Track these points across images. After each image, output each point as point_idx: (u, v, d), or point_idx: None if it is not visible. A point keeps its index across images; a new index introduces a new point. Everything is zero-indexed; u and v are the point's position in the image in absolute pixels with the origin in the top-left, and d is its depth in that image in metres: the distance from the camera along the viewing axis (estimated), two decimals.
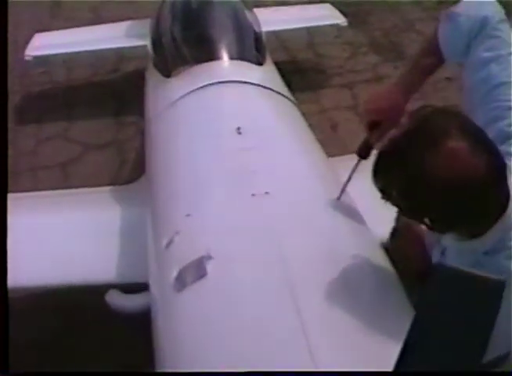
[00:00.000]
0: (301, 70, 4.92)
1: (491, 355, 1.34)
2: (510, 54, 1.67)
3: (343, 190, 1.98)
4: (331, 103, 4.56)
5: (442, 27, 1.78)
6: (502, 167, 1.40)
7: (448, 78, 4.00)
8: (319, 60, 5.13)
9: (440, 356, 1.02)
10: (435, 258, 1.69)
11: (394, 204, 1.46)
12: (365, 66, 5.01)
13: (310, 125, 2.72)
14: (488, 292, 1.01)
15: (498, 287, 1.01)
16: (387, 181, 1.45)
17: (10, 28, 1.58)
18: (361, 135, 1.94)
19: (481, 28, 1.69)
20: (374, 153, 1.59)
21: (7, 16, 1.53)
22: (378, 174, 1.46)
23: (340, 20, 4.49)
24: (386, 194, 1.46)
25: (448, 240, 1.60)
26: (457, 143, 1.34)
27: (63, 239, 2.44)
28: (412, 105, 1.84)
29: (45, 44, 4.32)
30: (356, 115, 4.36)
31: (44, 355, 2.59)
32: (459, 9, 1.76)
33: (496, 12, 1.73)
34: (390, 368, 1.03)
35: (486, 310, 1.00)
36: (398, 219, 1.80)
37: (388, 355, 1.05)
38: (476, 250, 1.48)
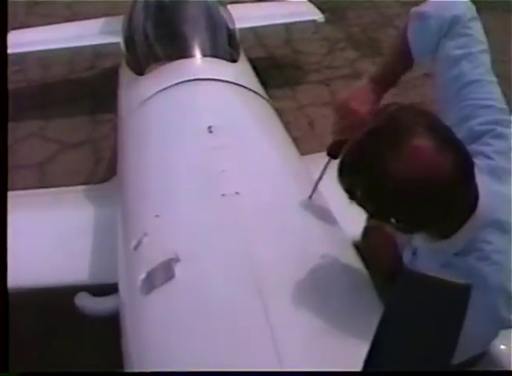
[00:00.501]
0: (278, 67, 4.92)
1: (463, 356, 1.34)
2: (480, 52, 1.65)
3: (314, 189, 1.96)
4: (308, 100, 4.55)
5: (411, 25, 1.74)
6: (470, 166, 1.38)
7: (426, 74, 3.98)
8: (296, 57, 5.11)
9: (407, 360, 1.01)
10: (406, 258, 1.68)
11: (360, 205, 1.44)
12: (343, 62, 5.00)
13: (287, 122, 2.70)
14: (454, 296, 1.00)
15: (464, 291, 1.00)
16: (351, 181, 1.43)
17: None
18: None
19: (451, 27, 1.66)
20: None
21: (7, 17, 1.51)
22: (343, 174, 1.44)
23: (318, 16, 4.47)
24: (351, 195, 1.44)
25: (419, 241, 1.58)
26: (422, 142, 1.32)
27: (36, 239, 2.41)
28: (390, 101, 1.85)
29: (20, 41, 4.27)
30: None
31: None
32: (428, 7, 1.73)
33: (467, 9, 1.70)
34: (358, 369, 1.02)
35: (453, 314, 1.00)
36: (369, 219, 1.78)
37: (357, 355, 1.04)
38: (446, 251, 1.46)
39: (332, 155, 1.88)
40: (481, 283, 1.32)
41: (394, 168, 1.31)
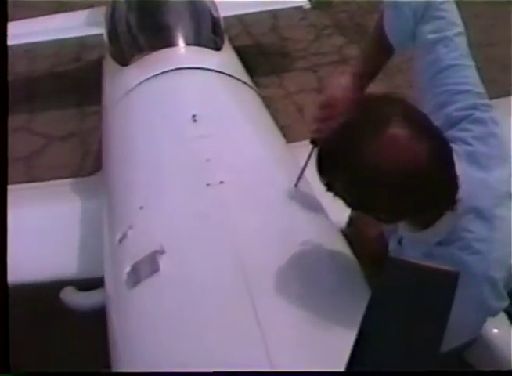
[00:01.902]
0: (265, 54, 4.90)
1: (451, 345, 1.34)
2: (456, 35, 1.62)
3: (299, 178, 1.94)
4: (296, 87, 4.53)
5: (386, 14, 1.73)
6: (448, 153, 1.36)
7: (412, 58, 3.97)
8: (283, 43, 5.09)
9: (395, 349, 1.00)
10: (392, 247, 1.67)
11: (340, 196, 1.42)
12: (330, 49, 4.98)
13: (276, 109, 2.68)
14: (442, 283, 0.99)
15: (451, 279, 0.99)
16: (329, 174, 1.41)
17: None
18: None
19: (425, 10, 1.64)
20: None
21: (6, 17, 1.48)
22: (320, 167, 1.43)
23: (303, 2, 4.44)
24: (330, 187, 1.42)
25: (402, 230, 1.57)
26: (397, 131, 1.30)
27: (21, 233, 2.37)
28: (376, 86, 1.83)
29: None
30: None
31: None
32: None
33: None
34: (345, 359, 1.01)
35: (441, 301, 0.99)
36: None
37: (346, 344, 1.03)
38: (429, 241, 1.46)
39: (315, 143, 1.86)
40: (465, 272, 1.31)
41: (370, 159, 1.29)
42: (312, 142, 1.86)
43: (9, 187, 2.84)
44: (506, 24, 3.91)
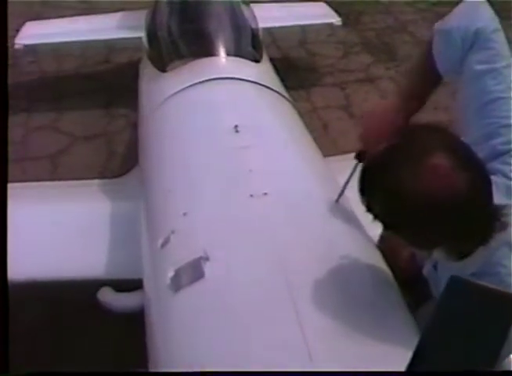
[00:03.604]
0: (293, 68, 4.92)
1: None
2: (504, 67, 1.61)
3: (341, 193, 1.95)
4: (323, 102, 4.56)
5: (436, 41, 1.72)
6: (488, 186, 1.37)
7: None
8: (311, 59, 5.13)
9: (449, 365, 1.01)
10: (427, 270, 1.67)
11: (379, 220, 1.44)
12: (358, 66, 5.02)
13: None
14: (501, 306, 1.00)
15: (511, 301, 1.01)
16: (370, 196, 1.43)
17: None
18: (352, 135, 1.90)
19: (475, 39, 1.62)
20: None
21: (6, 16, 1.50)
22: (362, 189, 1.45)
23: (335, 19, 4.48)
24: (370, 209, 1.44)
25: (438, 256, 1.57)
26: (439, 160, 1.31)
27: (52, 232, 2.40)
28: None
29: (37, 33, 4.27)
30: (348, 115, 4.36)
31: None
32: (451, 21, 1.70)
33: (490, 20, 1.66)
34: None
35: (500, 324, 1.00)
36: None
37: (383, 354, 1.04)
38: (464, 270, 1.44)
39: (359, 159, 1.87)
40: None
41: (410, 186, 1.31)
42: (357, 157, 1.86)
43: (35, 184, 2.90)
44: None
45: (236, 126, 2.22)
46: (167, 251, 1.88)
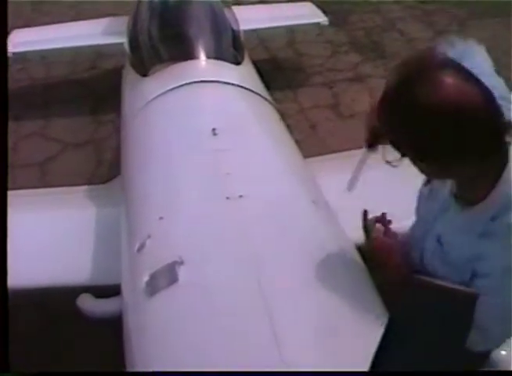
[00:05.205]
0: (280, 69, 4.92)
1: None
2: None
3: (353, 182, 1.85)
4: (311, 102, 4.55)
5: None
6: (496, 101, 1.35)
7: None
8: (299, 59, 5.12)
9: (411, 364, 1.03)
10: (430, 249, 1.60)
11: (407, 152, 1.39)
12: (346, 66, 5.01)
13: (289, 124, 2.69)
14: (461, 304, 1.02)
15: (470, 300, 1.03)
16: (389, 123, 1.41)
17: None
18: (340, 134, 1.88)
19: None
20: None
21: (6, 16, 1.50)
22: (381, 120, 1.42)
23: (322, 19, 4.47)
24: (397, 146, 1.40)
25: (446, 220, 1.54)
26: (451, 74, 1.31)
27: (37, 238, 2.40)
28: None
29: (24, 40, 4.27)
30: (336, 114, 4.36)
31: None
32: None
33: None
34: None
35: (458, 321, 1.01)
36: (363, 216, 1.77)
37: (357, 355, 1.04)
38: (482, 217, 1.43)
39: (371, 146, 1.81)
40: None
41: (426, 98, 1.30)
42: (368, 146, 1.81)
43: (23, 192, 2.89)
44: None
45: (213, 129, 2.23)
46: (143, 256, 1.88)
